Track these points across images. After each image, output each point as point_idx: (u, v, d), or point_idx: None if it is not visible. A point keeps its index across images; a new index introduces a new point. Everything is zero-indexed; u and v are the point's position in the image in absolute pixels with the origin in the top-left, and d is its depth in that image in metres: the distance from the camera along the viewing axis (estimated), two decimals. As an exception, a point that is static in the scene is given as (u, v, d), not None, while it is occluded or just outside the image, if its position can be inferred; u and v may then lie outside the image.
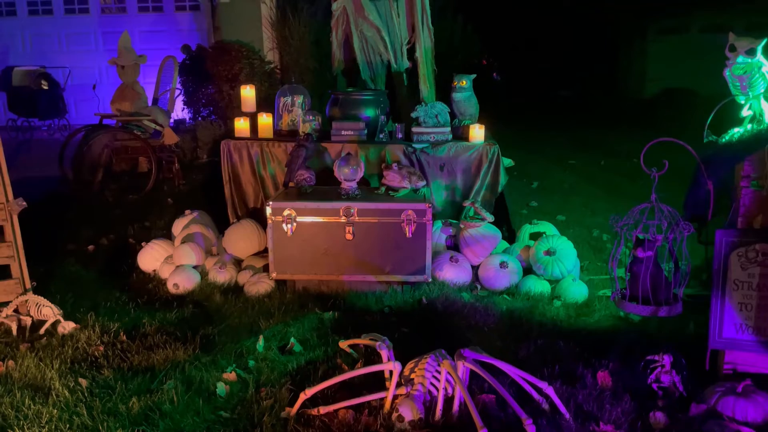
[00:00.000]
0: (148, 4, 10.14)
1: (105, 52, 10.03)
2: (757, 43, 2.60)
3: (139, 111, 6.26)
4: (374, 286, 3.96)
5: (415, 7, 5.04)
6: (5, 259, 3.43)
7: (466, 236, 4.20)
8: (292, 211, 3.92)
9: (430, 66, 5.19)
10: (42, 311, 3.42)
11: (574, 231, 4.88)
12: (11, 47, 10.22)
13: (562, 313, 3.62)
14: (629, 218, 2.91)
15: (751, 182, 2.62)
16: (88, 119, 8.49)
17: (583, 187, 6.40)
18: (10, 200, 3.40)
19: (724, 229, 2.69)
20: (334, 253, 3.94)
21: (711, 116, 2.81)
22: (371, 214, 3.91)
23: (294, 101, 4.92)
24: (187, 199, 5.62)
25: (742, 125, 2.74)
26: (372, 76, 5.23)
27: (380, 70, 5.21)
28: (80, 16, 10.24)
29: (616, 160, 7.35)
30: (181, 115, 8.08)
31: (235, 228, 4.42)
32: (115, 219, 5.29)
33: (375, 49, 5.14)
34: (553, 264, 4.00)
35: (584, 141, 8.79)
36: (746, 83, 2.63)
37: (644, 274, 2.83)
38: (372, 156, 4.60)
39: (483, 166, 4.58)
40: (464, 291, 3.95)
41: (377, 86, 5.22)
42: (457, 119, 4.85)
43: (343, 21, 5.18)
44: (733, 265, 2.70)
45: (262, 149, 4.71)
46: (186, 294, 3.95)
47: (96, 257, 4.61)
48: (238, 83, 7.73)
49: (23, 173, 5.86)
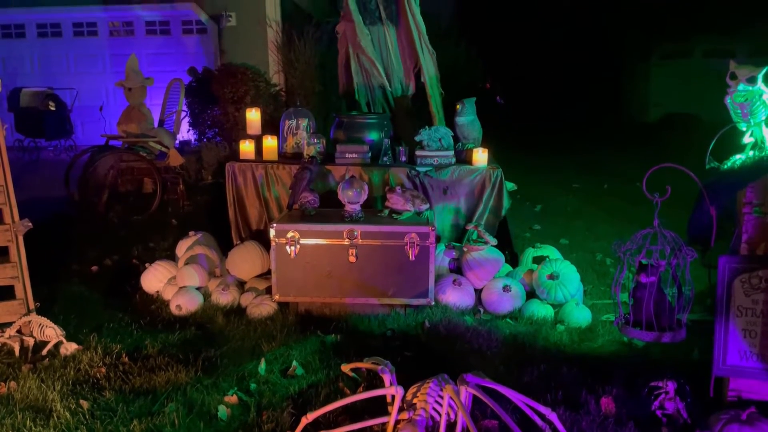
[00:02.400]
0: (156, 28, 10.28)
1: (112, 73, 10.16)
2: (758, 71, 2.63)
3: (145, 132, 6.31)
4: (377, 308, 3.96)
5: (411, 33, 5.10)
6: (9, 279, 3.45)
7: (469, 259, 4.20)
8: (296, 233, 3.93)
9: (437, 89, 5.24)
10: (45, 332, 3.42)
11: (577, 255, 4.88)
12: (20, 69, 10.36)
13: (566, 338, 3.60)
14: (632, 243, 2.92)
15: (753, 209, 2.63)
16: (94, 140, 8.57)
17: (586, 211, 6.41)
18: (16, 221, 3.42)
19: (727, 256, 2.69)
20: (337, 276, 3.94)
21: (713, 143, 2.82)
22: (374, 237, 3.92)
23: (299, 124, 4.96)
24: (191, 220, 5.64)
25: (743, 152, 2.75)
26: (369, 101, 5.28)
27: (377, 95, 5.25)
28: (89, 39, 10.40)
29: (619, 184, 7.37)
30: (186, 136, 8.15)
31: (238, 250, 4.43)
32: (119, 239, 5.31)
33: (371, 74, 5.19)
34: (557, 288, 4.00)
35: (587, 164, 8.83)
36: (747, 111, 2.65)
37: (647, 299, 2.83)
38: (376, 179, 4.62)
39: (486, 189, 4.60)
40: (467, 314, 3.94)
41: (375, 110, 5.27)
42: (460, 143, 4.88)
43: (344, 45, 5.25)
44: (737, 292, 2.69)
45: (267, 171, 4.74)
46: (189, 315, 3.95)
47: (100, 278, 4.62)
48: (244, 105, 7.81)
49: (29, 193, 5.92)
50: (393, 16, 5.09)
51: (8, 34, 10.46)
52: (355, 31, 5.06)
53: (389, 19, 5.09)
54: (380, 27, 5.11)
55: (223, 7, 9.91)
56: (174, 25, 10.24)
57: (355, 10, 5.02)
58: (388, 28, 5.10)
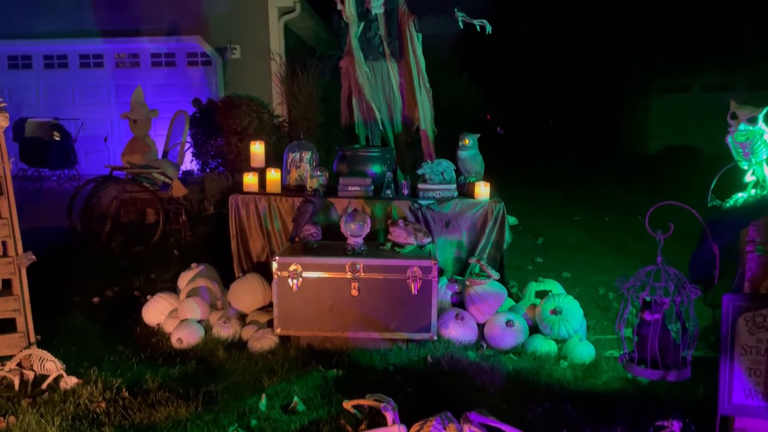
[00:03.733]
0: (162, 59, 10.42)
1: (117, 104, 10.26)
2: (759, 111, 2.66)
3: (149, 163, 6.35)
4: (379, 343, 3.94)
5: (412, 71, 5.17)
6: (11, 312, 3.44)
7: (472, 293, 4.19)
8: (298, 266, 3.93)
9: (430, 127, 5.28)
10: (45, 366, 3.40)
11: (580, 289, 4.87)
12: (25, 99, 10.47)
13: (569, 374, 3.58)
14: (635, 280, 2.92)
15: (756, 247, 2.63)
16: (98, 170, 8.61)
17: (588, 244, 6.41)
18: (20, 254, 3.42)
19: (731, 294, 2.68)
20: (340, 309, 3.93)
21: (714, 181, 2.84)
22: (377, 271, 3.92)
23: (302, 157, 5.00)
24: (193, 251, 5.64)
25: (745, 190, 2.77)
26: (368, 135, 5.32)
27: (375, 130, 5.30)
28: (95, 70, 10.52)
29: (620, 217, 7.38)
30: (189, 166, 8.19)
31: (240, 282, 4.43)
32: (121, 270, 5.31)
33: (369, 108, 5.25)
34: (560, 323, 3.98)
35: (589, 197, 8.85)
36: (749, 150, 2.67)
37: (652, 337, 2.82)
38: (378, 212, 4.64)
39: (488, 223, 4.61)
40: (470, 350, 3.92)
41: (373, 143, 5.30)
42: (462, 176, 4.91)
43: (347, 79, 5.32)
44: (741, 330, 2.68)
45: (270, 204, 4.76)
46: (190, 349, 3.93)
47: (101, 310, 4.61)
48: (247, 136, 7.87)
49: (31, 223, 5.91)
50: (396, 51, 5.16)
51: (15, 65, 10.59)
52: (355, 65, 5.13)
53: (393, 54, 5.16)
54: (384, 62, 5.18)
55: (228, 39, 10.05)
56: (179, 57, 10.38)
57: (357, 47, 5.10)
58: (392, 63, 5.17)
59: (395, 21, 5.13)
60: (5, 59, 10.55)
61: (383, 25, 5.14)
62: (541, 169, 12.37)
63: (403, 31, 5.12)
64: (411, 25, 5.08)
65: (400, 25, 5.12)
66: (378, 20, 5.12)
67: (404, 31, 5.12)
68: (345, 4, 4.99)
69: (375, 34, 5.12)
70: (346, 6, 5.00)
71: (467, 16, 4.93)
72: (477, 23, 4.91)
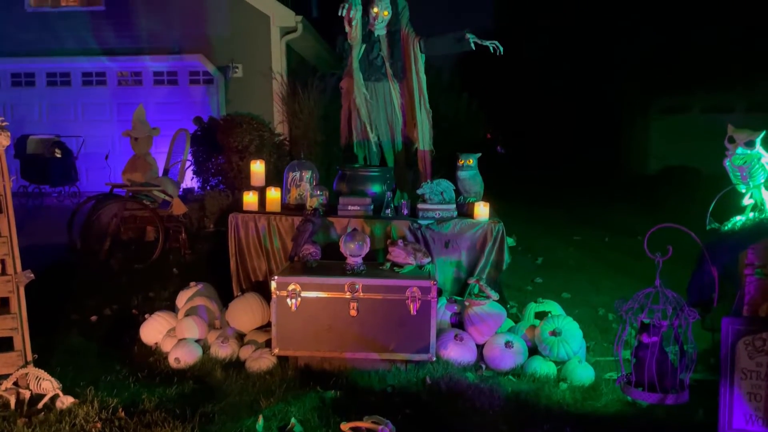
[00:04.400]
0: (164, 78, 10.49)
1: (119, 122, 10.31)
2: (756, 135, 2.68)
3: (149, 181, 6.36)
4: (377, 364, 3.92)
5: (413, 92, 5.21)
6: (9, 331, 3.42)
7: (471, 314, 4.18)
8: (297, 285, 3.93)
9: (429, 148, 5.30)
10: (41, 385, 3.38)
11: (579, 310, 4.85)
12: (27, 116, 10.52)
13: (569, 397, 3.55)
14: (634, 302, 2.92)
15: (755, 270, 2.64)
16: (98, 187, 8.63)
17: (587, 264, 6.40)
18: (18, 272, 3.42)
19: (730, 317, 2.68)
20: (338, 330, 3.92)
21: (713, 204, 2.85)
22: (376, 291, 3.92)
23: (302, 176, 5.02)
24: (192, 269, 5.64)
25: (744, 213, 2.78)
26: (366, 155, 5.34)
27: (373, 150, 5.32)
28: (97, 88, 10.60)
29: (620, 237, 7.38)
30: (190, 184, 8.21)
31: (238, 301, 4.42)
32: (120, 288, 5.29)
33: (365, 128, 5.27)
34: (559, 345, 3.96)
35: (588, 217, 8.86)
36: (746, 173, 2.69)
37: (650, 360, 2.81)
38: (377, 231, 4.64)
39: (488, 243, 4.61)
40: (469, 371, 3.90)
41: (370, 163, 5.32)
42: (462, 196, 4.92)
43: (347, 99, 5.35)
44: (741, 354, 2.68)
45: (269, 222, 4.76)
46: (187, 368, 3.91)
47: (99, 328, 4.59)
48: (248, 154, 7.90)
49: (30, 240, 5.91)
50: (399, 72, 5.21)
51: (18, 82, 10.66)
52: (354, 86, 5.18)
53: (395, 75, 5.20)
54: (386, 83, 5.22)
55: (230, 58, 10.13)
56: (182, 75, 10.45)
57: (357, 68, 5.14)
58: (394, 84, 5.21)
59: (398, 42, 5.18)
60: (8, 77, 10.63)
61: (386, 47, 5.19)
62: (541, 188, 12.40)
63: (407, 52, 5.17)
64: (416, 47, 5.13)
65: (404, 46, 5.17)
66: (380, 42, 5.17)
67: (408, 52, 5.17)
68: (352, 27, 5.03)
69: (377, 55, 5.17)
70: (353, 29, 5.04)
71: (478, 38, 4.98)
72: (489, 44, 4.96)
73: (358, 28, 5.05)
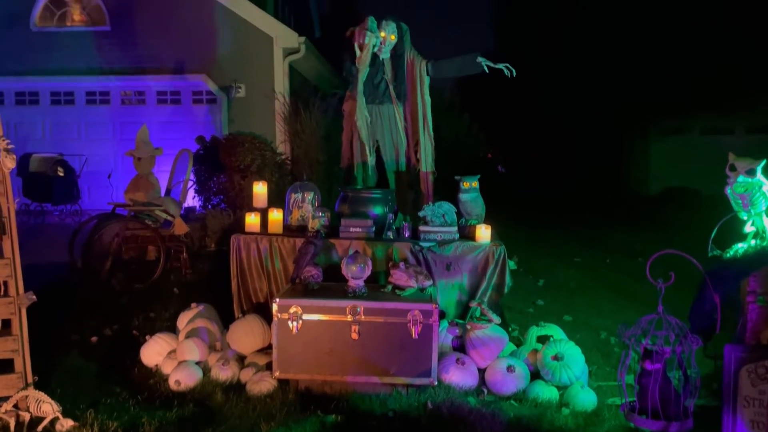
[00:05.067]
0: (167, 97, 10.57)
1: (122, 141, 10.38)
2: (757, 163, 2.69)
3: (152, 201, 6.38)
4: (378, 387, 3.90)
5: (417, 114, 5.25)
6: (10, 353, 3.41)
7: (473, 338, 4.17)
8: (299, 308, 3.92)
9: (431, 168, 5.33)
10: (41, 408, 3.36)
11: (581, 334, 4.83)
12: (31, 135, 10.59)
13: (571, 422, 3.53)
14: (636, 328, 2.92)
15: (757, 298, 2.64)
16: (100, 205, 8.66)
17: (589, 286, 6.39)
18: (20, 294, 3.42)
19: (732, 344, 2.68)
20: (339, 353, 3.90)
21: (714, 231, 2.86)
22: (377, 314, 3.91)
23: (304, 197, 5.03)
24: (193, 289, 5.64)
25: (745, 241, 2.79)
26: (363, 177, 5.37)
27: (370, 172, 5.35)
28: (100, 107, 10.67)
29: (621, 259, 7.38)
30: (191, 202, 8.23)
31: (239, 323, 4.41)
32: (120, 308, 5.29)
33: (364, 150, 5.30)
34: (561, 370, 3.95)
35: (589, 238, 8.86)
36: (748, 201, 2.70)
37: (653, 387, 2.81)
38: (379, 253, 4.64)
39: (489, 266, 4.61)
40: (470, 395, 3.87)
41: (367, 184, 5.35)
42: (463, 218, 4.92)
43: (349, 122, 5.39)
44: (743, 381, 2.67)
45: (271, 244, 4.76)
46: (187, 391, 3.89)
47: (99, 349, 4.58)
48: (250, 174, 7.94)
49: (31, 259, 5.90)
50: (402, 94, 5.26)
51: (22, 100, 10.74)
52: (355, 108, 5.22)
53: (398, 97, 5.25)
54: (390, 105, 5.27)
55: (233, 78, 10.22)
56: (185, 95, 10.53)
57: (361, 91, 5.18)
58: (398, 106, 5.26)
59: (402, 65, 5.23)
60: (12, 95, 10.72)
61: (390, 70, 5.24)
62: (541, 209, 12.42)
63: (413, 74, 5.22)
64: (423, 69, 5.19)
65: (410, 69, 5.23)
66: (384, 65, 5.23)
67: (413, 75, 5.22)
68: (364, 51, 5.08)
69: (381, 78, 5.23)
70: (365, 53, 5.08)
71: (490, 62, 5.04)
72: (503, 67, 5.02)
73: (370, 52, 5.10)
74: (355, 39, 5.10)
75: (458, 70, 5.31)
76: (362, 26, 5.12)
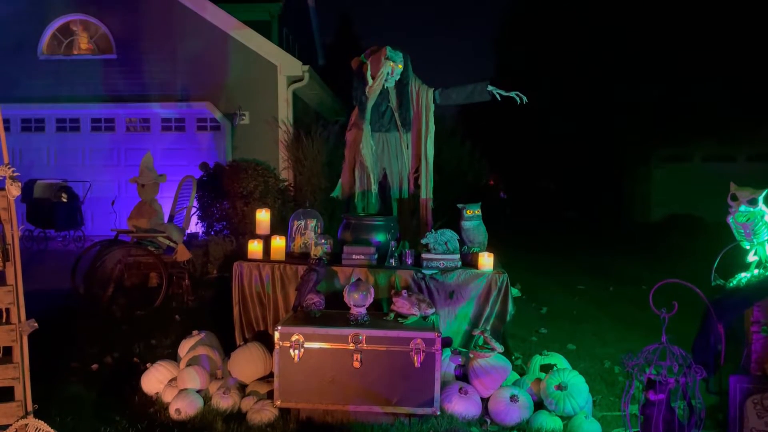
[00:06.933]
0: (172, 124, 10.67)
1: (126, 167, 10.45)
2: (759, 193, 2.70)
3: (155, 227, 6.40)
4: (380, 417, 3.86)
5: (421, 141, 5.29)
6: (10, 380, 3.39)
7: (476, 367, 4.14)
8: (300, 336, 3.90)
9: (430, 195, 5.35)
10: (40, 437, 3.33)
11: (585, 363, 4.80)
12: (36, 161, 10.67)
13: (575, 453, 3.49)
14: (640, 358, 2.89)
15: (762, 328, 2.63)
16: (104, 231, 8.69)
17: (592, 314, 6.37)
18: (23, 321, 3.41)
19: (737, 375, 2.65)
20: (341, 382, 3.87)
21: (717, 261, 2.86)
22: (380, 342, 3.89)
23: (307, 225, 5.04)
24: (194, 316, 5.62)
25: (748, 270, 2.78)
26: (364, 205, 5.38)
27: (372, 200, 5.36)
28: (105, 134, 10.77)
29: (624, 287, 7.36)
30: (194, 228, 8.25)
31: (241, 351, 4.39)
32: (122, 335, 5.27)
33: (369, 179, 5.32)
34: (565, 400, 3.91)
35: (592, 265, 8.84)
36: (750, 230, 2.70)
37: (656, 418, 2.78)
38: (381, 281, 4.63)
39: (492, 294, 4.59)
40: (473, 425, 3.83)
41: (368, 212, 5.36)
42: (465, 246, 4.92)
43: (352, 150, 5.42)
44: (749, 413, 2.65)
45: (274, 271, 4.76)
46: (188, 420, 3.85)
47: (99, 376, 4.55)
48: (253, 200, 7.97)
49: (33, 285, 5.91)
50: (408, 122, 5.30)
51: (28, 127, 10.84)
52: (360, 136, 5.25)
53: (404, 125, 5.29)
54: (395, 132, 5.31)
55: (237, 106, 10.32)
56: (189, 122, 10.63)
57: (368, 119, 5.21)
58: (403, 134, 5.30)
59: (407, 93, 5.28)
60: (18, 122, 10.82)
61: (395, 98, 5.29)
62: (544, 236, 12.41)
63: (418, 102, 5.27)
64: (429, 97, 5.24)
65: (416, 97, 5.27)
66: (389, 93, 5.27)
67: (419, 103, 5.27)
68: (377, 80, 5.11)
69: (387, 107, 5.27)
70: (377, 81, 5.11)
71: (502, 90, 5.08)
72: (514, 95, 5.07)
73: (382, 82, 5.14)
74: (370, 68, 5.11)
75: (467, 97, 5.32)
76: (379, 55, 5.12)
